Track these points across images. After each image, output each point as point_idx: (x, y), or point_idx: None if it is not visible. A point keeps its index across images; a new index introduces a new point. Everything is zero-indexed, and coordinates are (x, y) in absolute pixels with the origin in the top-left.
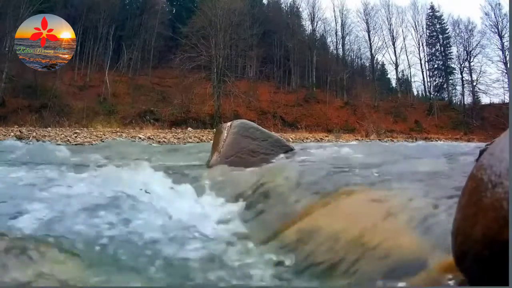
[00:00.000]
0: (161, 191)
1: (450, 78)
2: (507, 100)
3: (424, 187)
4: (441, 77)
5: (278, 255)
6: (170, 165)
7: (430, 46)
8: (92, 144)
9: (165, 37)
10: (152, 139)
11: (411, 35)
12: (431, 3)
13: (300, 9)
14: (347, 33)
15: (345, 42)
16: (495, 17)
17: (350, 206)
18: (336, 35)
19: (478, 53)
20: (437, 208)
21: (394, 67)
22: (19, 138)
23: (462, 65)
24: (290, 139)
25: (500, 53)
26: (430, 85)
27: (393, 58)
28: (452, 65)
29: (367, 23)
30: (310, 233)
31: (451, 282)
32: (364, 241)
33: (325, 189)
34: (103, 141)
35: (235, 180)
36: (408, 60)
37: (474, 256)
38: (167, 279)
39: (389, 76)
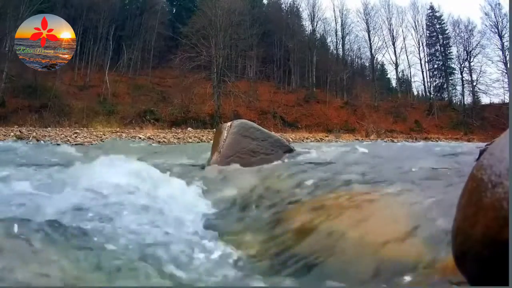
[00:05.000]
0: (160, 190)
1: (450, 78)
2: (507, 100)
3: (423, 187)
4: (441, 77)
5: (275, 256)
6: (169, 165)
7: (430, 46)
8: (92, 144)
9: (165, 37)
10: (152, 139)
11: (411, 35)
12: (431, 3)
13: (300, 9)
14: (347, 33)
15: (345, 42)
16: (495, 17)
17: (350, 207)
18: (336, 35)
19: (478, 53)
20: (437, 207)
21: (394, 67)
22: (19, 138)
23: (462, 65)
24: (290, 139)
25: (500, 53)
26: (430, 85)
27: (393, 58)
28: (452, 65)
29: (367, 23)
30: (308, 234)
31: (451, 282)
32: (364, 241)
33: (324, 189)
34: (103, 141)
35: (234, 179)
36: (408, 60)
37: (474, 256)
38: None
39: (389, 76)
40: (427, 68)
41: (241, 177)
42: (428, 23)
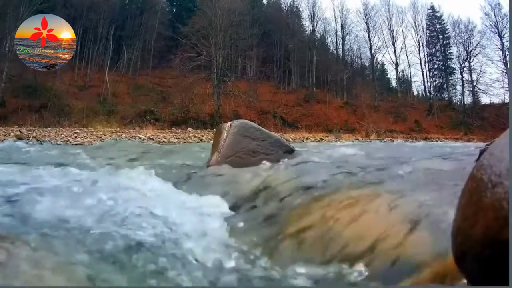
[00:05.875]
0: (159, 189)
1: (450, 78)
2: (507, 100)
3: (424, 186)
4: (441, 77)
5: (274, 256)
6: (169, 165)
7: (430, 46)
8: (92, 144)
9: (165, 37)
10: (152, 139)
11: (411, 35)
12: (431, 3)
13: (300, 9)
14: (347, 33)
15: (345, 42)
16: (495, 17)
17: (350, 207)
18: (336, 35)
19: (478, 53)
20: (437, 207)
21: (394, 67)
22: (19, 138)
23: (462, 65)
24: (290, 139)
25: (500, 53)
26: (430, 85)
27: (393, 58)
28: (452, 65)
29: (367, 23)
30: (308, 234)
31: (451, 282)
32: (364, 241)
33: (323, 189)
34: (102, 141)
35: (234, 180)
36: (408, 60)
37: (474, 256)
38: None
39: (389, 76)
40: (427, 68)
41: (241, 177)
42: (428, 23)
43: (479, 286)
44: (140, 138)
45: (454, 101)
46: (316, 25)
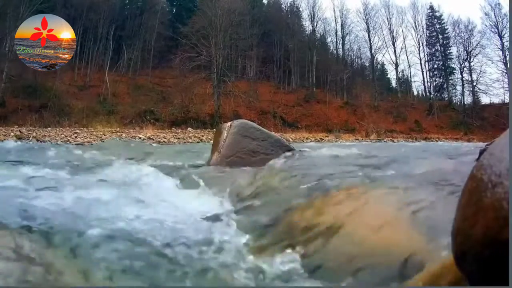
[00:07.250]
0: (159, 189)
1: (450, 78)
2: (507, 100)
3: (423, 186)
4: (441, 77)
5: (274, 256)
6: (169, 165)
7: (430, 46)
8: (92, 144)
9: (165, 37)
10: (152, 139)
11: (411, 35)
12: (431, 3)
13: (300, 9)
14: (347, 33)
15: (345, 42)
16: (495, 17)
17: (350, 206)
18: (336, 35)
19: (478, 53)
20: (437, 207)
21: (394, 67)
22: (19, 138)
23: (462, 65)
24: (290, 139)
25: (500, 53)
26: (430, 85)
27: (393, 58)
28: (452, 65)
29: (367, 23)
30: (307, 234)
31: (451, 282)
32: (363, 241)
33: (323, 189)
34: (103, 141)
35: (234, 179)
36: (408, 60)
37: (474, 256)
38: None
39: (389, 76)
40: (427, 68)
41: (241, 177)
42: (428, 23)
43: (479, 286)
44: (140, 138)
45: (454, 101)
46: (316, 25)
